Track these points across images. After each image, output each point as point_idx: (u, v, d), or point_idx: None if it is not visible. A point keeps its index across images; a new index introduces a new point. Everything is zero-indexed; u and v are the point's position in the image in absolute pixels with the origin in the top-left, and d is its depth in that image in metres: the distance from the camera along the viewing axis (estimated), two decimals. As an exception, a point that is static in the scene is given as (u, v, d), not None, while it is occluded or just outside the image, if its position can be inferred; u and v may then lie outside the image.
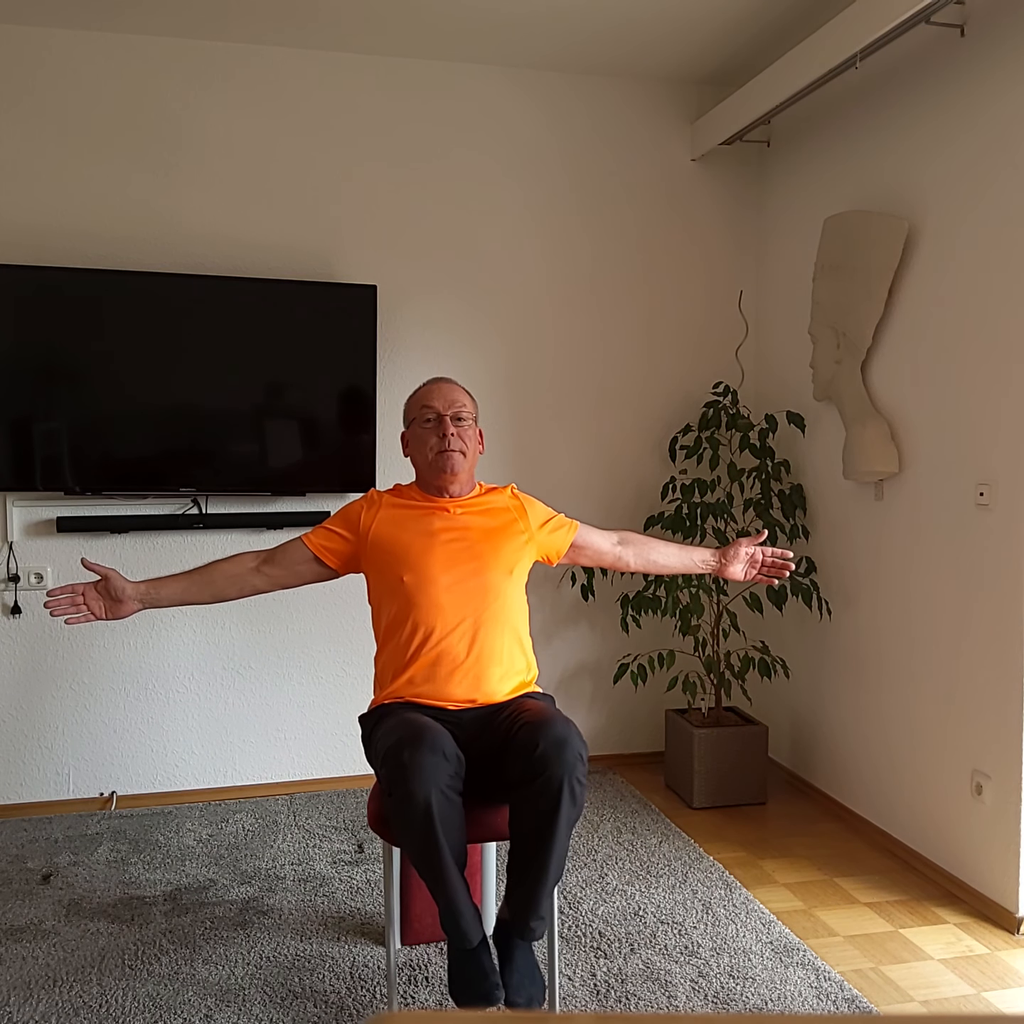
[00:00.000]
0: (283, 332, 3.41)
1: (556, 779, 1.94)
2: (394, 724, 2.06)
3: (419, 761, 1.91)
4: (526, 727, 2.02)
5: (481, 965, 1.97)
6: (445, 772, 1.93)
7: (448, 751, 1.96)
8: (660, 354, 3.90)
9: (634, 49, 3.53)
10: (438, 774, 1.92)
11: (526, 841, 2.00)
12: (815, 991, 2.35)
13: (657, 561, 2.49)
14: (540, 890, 2.00)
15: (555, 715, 2.05)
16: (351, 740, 3.70)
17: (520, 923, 2.02)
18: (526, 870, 2.00)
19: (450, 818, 1.94)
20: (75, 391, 3.26)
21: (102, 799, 3.49)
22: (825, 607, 3.53)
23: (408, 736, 1.96)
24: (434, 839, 1.91)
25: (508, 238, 3.73)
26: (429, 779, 1.90)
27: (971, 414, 2.80)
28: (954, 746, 2.88)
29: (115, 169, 3.40)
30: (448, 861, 1.94)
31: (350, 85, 3.56)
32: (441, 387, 2.31)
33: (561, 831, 1.96)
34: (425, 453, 2.27)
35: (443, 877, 1.95)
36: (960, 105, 2.82)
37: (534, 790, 1.96)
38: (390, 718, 2.13)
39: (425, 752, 1.92)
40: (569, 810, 1.95)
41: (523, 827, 2.00)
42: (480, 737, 2.15)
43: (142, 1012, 2.26)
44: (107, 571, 2.19)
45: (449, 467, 2.25)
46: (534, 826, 1.97)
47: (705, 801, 3.49)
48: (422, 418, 2.28)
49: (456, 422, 2.27)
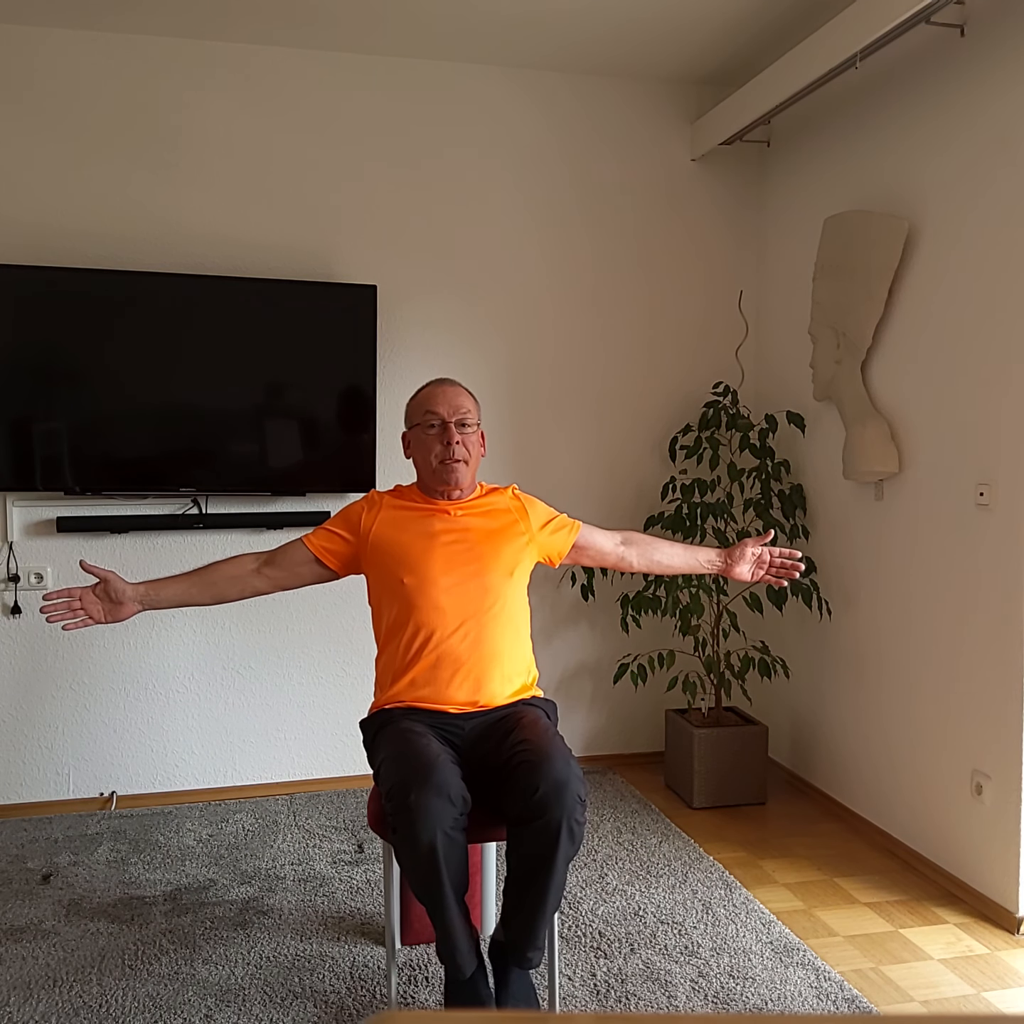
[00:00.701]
0: (283, 332, 3.41)
1: (555, 822, 1.92)
2: (398, 749, 2.02)
3: (425, 805, 1.88)
4: (525, 765, 1.98)
5: (477, 994, 1.98)
6: (450, 815, 1.91)
7: (454, 793, 1.93)
8: (660, 354, 3.90)
9: (634, 49, 3.53)
10: (444, 818, 1.90)
11: (523, 875, 1.99)
12: (815, 991, 2.35)
13: (661, 561, 2.46)
14: (538, 922, 2.00)
15: (555, 750, 2.00)
16: (351, 740, 3.70)
17: (517, 952, 2.03)
18: (522, 902, 2.00)
19: (454, 857, 1.93)
20: (75, 391, 3.26)
21: (102, 799, 3.49)
22: (825, 607, 3.53)
23: (414, 774, 1.93)
24: (437, 879, 1.91)
25: (508, 238, 3.73)
26: (435, 823, 1.88)
27: (971, 414, 2.80)
28: (954, 746, 2.88)
29: (115, 169, 3.40)
30: (449, 897, 1.94)
31: (350, 85, 3.56)
32: (445, 391, 2.29)
33: (559, 868, 1.96)
34: (429, 460, 2.26)
35: (443, 909, 1.95)
36: (960, 105, 2.82)
37: (532, 831, 1.95)
38: (392, 731, 2.11)
39: (431, 795, 1.89)
40: (567, 849, 1.95)
41: (520, 863, 1.99)
42: (481, 747, 2.13)
43: (142, 1012, 2.26)
44: (106, 573, 2.18)
45: (453, 479, 2.25)
46: (531, 864, 1.97)
47: (705, 801, 3.49)
48: (426, 423, 2.26)
49: (460, 428, 2.26)
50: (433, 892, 1.93)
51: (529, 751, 2.01)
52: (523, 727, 2.10)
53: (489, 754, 2.12)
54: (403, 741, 2.05)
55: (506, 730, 2.13)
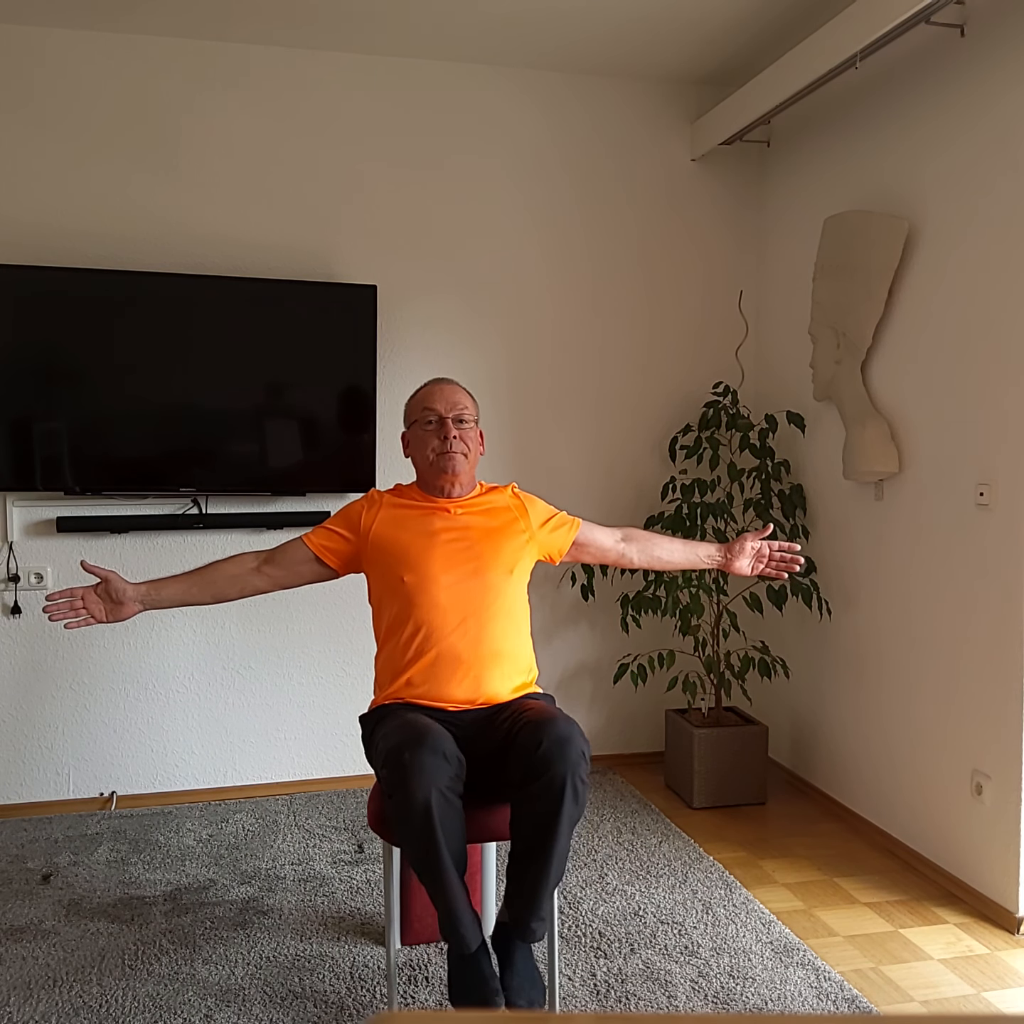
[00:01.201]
0: (283, 332, 3.41)
1: (559, 777, 1.94)
2: (395, 725, 2.06)
3: (419, 762, 1.91)
4: (528, 725, 2.02)
5: (480, 970, 1.97)
6: (445, 774, 1.93)
7: (448, 752, 1.96)
8: (660, 354, 3.90)
9: (634, 49, 3.53)
10: (438, 775, 1.92)
11: (527, 841, 1.99)
12: (815, 991, 2.35)
13: (661, 557, 2.47)
14: (541, 890, 2.00)
15: (557, 713, 2.05)
16: (351, 740, 3.70)
17: (521, 924, 2.02)
18: (526, 870, 2.00)
19: (450, 820, 1.94)
20: (75, 391, 3.26)
21: (102, 799, 3.49)
22: (825, 607, 3.53)
23: (408, 737, 1.96)
24: (434, 840, 1.91)
25: (508, 238, 3.73)
26: (429, 780, 1.90)
27: (971, 414, 2.80)
28: (954, 746, 2.88)
29: (115, 169, 3.40)
30: (448, 864, 1.94)
31: (350, 85, 3.56)
32: (443, 388, 2.31)
33: (563, 830, 1.96)
34: (427, 455, 2.28)
35: (442, 880, 1.95)
36: (960, 105, 2.82)
37: (536, 789, 1.96)
38: (390, 719, 2.13)
39: (425, 753, 1.92)
40: (571, 809, 1.95)
41: (524, 826, 2.00)
42: (481, 737, 2.15)
43: (142, 1012, 2.26)
44: (107, 573, 2.19)
45: (451, 468, 2.25)
46: (535, 824, 1.97)
47: (705, 801, 3.49)
48: (423, 420, 2.29)
49: (457, 424, 2.28)
50: (431, 859, 1.92)
51: (530, 714, 2.06)
52: (525, 710, 2.13)
53: (488, 736, 2.14)
54: (399, 719, 2.09)
55: (506, 716, 2.16)
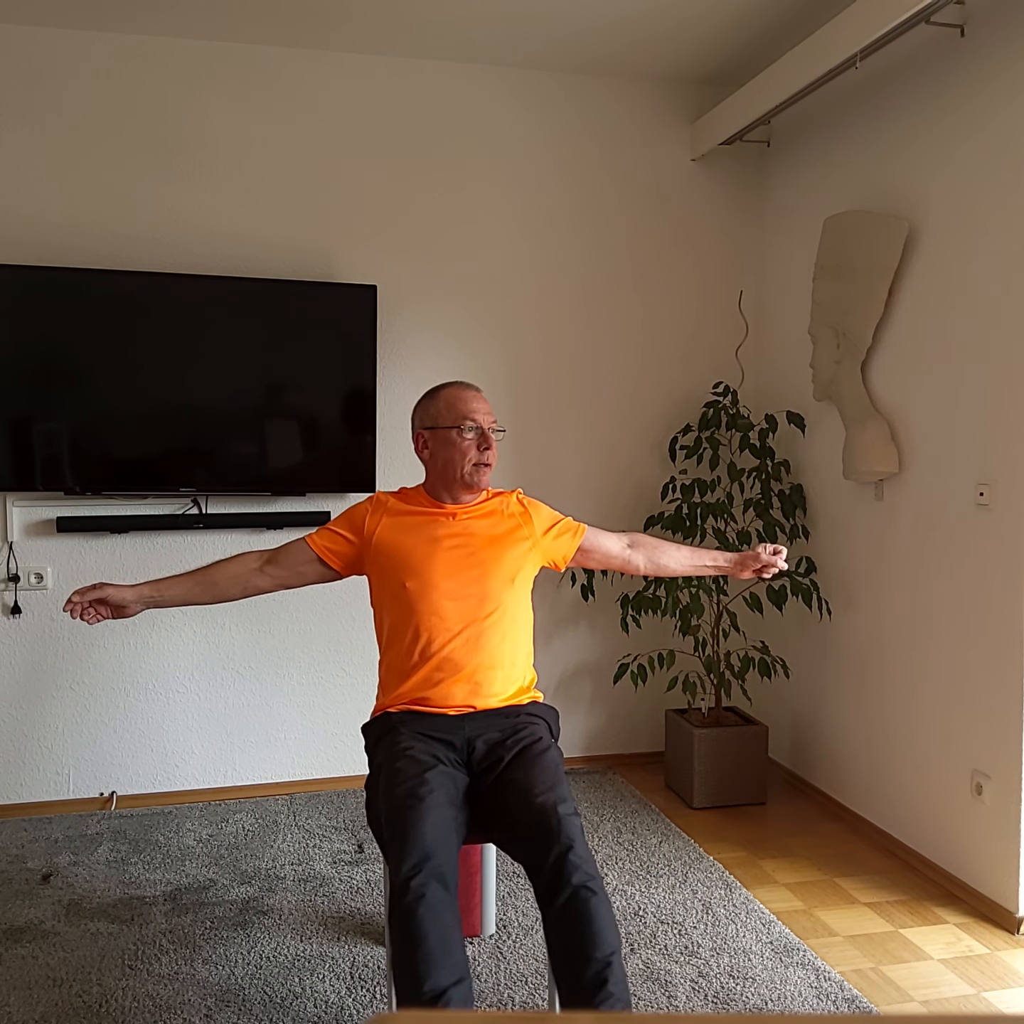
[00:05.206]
0: (283, 332, 3.41)
1: (573, 902, 1.79)
2: (397, 797, 1.92)
3: (424, 911, 1.76)
4: (525, 844, 1.88)
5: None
6: (450, 909, 1.80)
7: (451, 884, 1.82)
8: (660, 354, 3.90)
9: (633, 49, 3.53)
10: (445, 914, 1.78)
11: (579, 980, 1.79)
12: (815, 991, 2.35)
13: (668, 565, 2.42)
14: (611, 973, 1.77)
15: (559, 826, 1.87)
16: (351, 740, 3.70)
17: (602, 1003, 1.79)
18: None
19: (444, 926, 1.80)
20: (75, 391, 3.26)
21: (102, 799, 3.49)
22: (825, 607, 3.53)
23: (415, 852, 1.81)
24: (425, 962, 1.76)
25: (508, 239, 3.73)
26: (433, 927, 1.76)
27: (971, 414, 2.80)
28: (954, 746, 2.88)
29: (116, 169, 3.40)
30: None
31: (350, 85, 3.56)
32: (477, 396, 2.28)
33: (601, 923, 1.79)
34: (460, 463, 2.23)
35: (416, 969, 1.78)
36: (960, 105, 2.82)
37: (556, 921, 1.81)
38: (390, 752, 2.07)
39: (435, 890, 1.78)
40: (597, 907, 1.80)
41: (564, 965, 1.81)
42: (486, 769, 2.08)
43: (142, 1012, 2.26)
44: (101, 594, 2.17)
45: (484, 483, 2.25)
46: (575, 961, 1.79)
47: (705, 801, 3.49)
48: (464, 428, 2.23)
49: (493, 435, 2.28)
50: (414, 965, 1.75)
51: (529, 824, 1.90)
52: (525, 767, 2.01)
53: (492, 770, 2.06)
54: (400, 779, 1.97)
55: (510, 760, 2.06)
